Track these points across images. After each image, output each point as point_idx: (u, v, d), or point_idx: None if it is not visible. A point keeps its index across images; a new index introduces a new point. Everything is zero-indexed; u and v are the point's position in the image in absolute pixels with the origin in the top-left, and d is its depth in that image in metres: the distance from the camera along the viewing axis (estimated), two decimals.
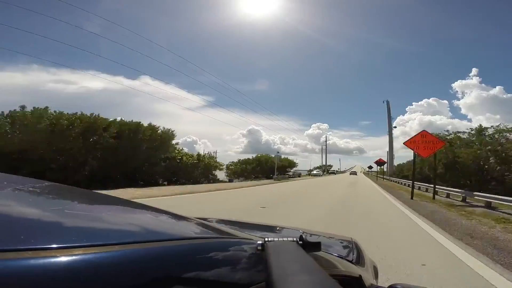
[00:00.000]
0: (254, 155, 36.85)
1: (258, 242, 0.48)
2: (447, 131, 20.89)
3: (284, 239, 0.50)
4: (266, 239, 0.49)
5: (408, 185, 17.17)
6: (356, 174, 71.65)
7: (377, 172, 42.38)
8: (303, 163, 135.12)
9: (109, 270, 0.32)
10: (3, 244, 0.32)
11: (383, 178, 37.77)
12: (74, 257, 0.32)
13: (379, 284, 0.79)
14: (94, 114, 15.07)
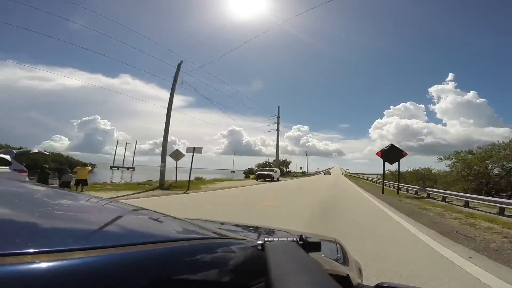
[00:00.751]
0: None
1: (258, 242, 0.49)
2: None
3: (284, 239, 0.50)
4: (266, 239, 0.49)
5: None
6: (330, 174, 65.05)
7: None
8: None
9: (110, 272, 0.32)
10: (1, 248, 0.32)
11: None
12: (74, 260, 0.31)
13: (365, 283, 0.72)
14: None
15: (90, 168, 13.76)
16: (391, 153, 16.39)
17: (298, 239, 0.50)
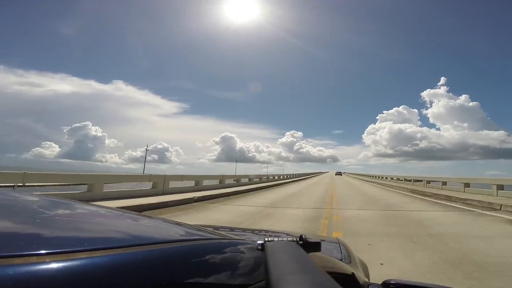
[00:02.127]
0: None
1: (258, 242, 0.49)
2: None
3: (284, 239, 0.50)
4: (266, 239, 0.50)
5: None
6: (341, 175, 60.07)
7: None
8: (278, 171, 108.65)
9: (113, 272, 0.33)
10: (7, 250, 0.33)
11: None
12: (76, 261, 0.32)
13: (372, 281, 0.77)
14: None
15: None
16: None
17: (298, 239, 0.51)
